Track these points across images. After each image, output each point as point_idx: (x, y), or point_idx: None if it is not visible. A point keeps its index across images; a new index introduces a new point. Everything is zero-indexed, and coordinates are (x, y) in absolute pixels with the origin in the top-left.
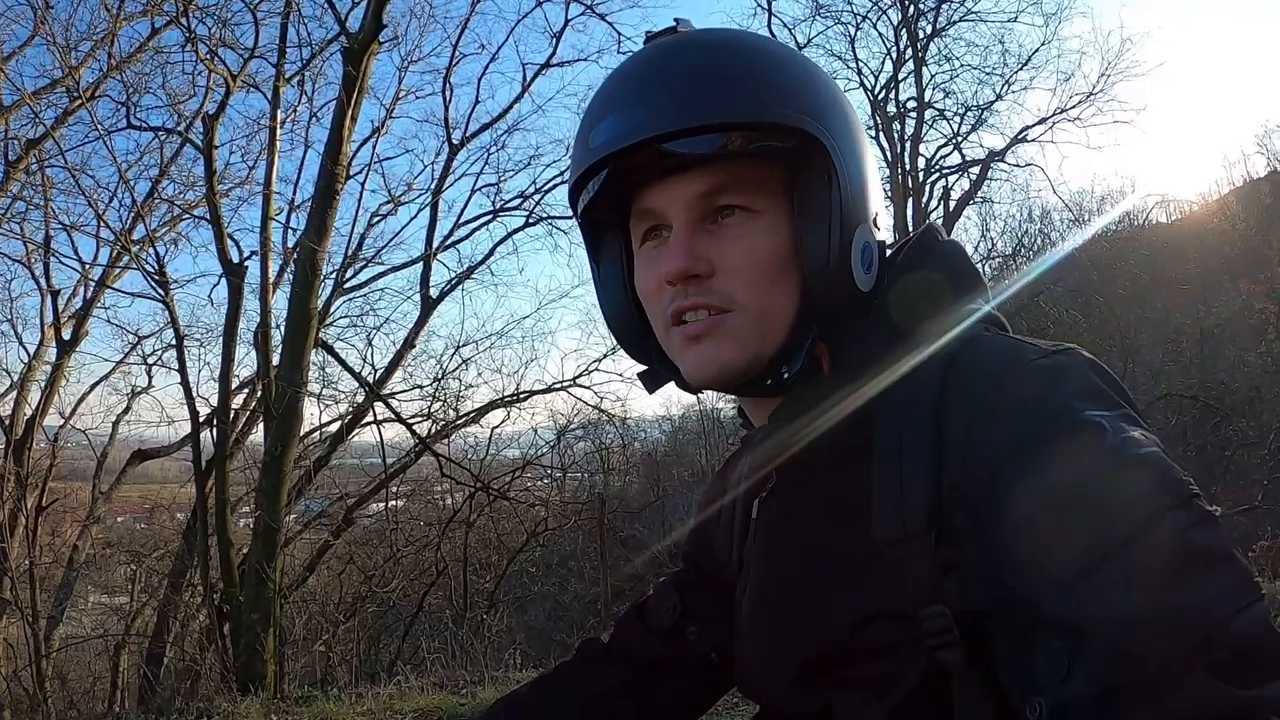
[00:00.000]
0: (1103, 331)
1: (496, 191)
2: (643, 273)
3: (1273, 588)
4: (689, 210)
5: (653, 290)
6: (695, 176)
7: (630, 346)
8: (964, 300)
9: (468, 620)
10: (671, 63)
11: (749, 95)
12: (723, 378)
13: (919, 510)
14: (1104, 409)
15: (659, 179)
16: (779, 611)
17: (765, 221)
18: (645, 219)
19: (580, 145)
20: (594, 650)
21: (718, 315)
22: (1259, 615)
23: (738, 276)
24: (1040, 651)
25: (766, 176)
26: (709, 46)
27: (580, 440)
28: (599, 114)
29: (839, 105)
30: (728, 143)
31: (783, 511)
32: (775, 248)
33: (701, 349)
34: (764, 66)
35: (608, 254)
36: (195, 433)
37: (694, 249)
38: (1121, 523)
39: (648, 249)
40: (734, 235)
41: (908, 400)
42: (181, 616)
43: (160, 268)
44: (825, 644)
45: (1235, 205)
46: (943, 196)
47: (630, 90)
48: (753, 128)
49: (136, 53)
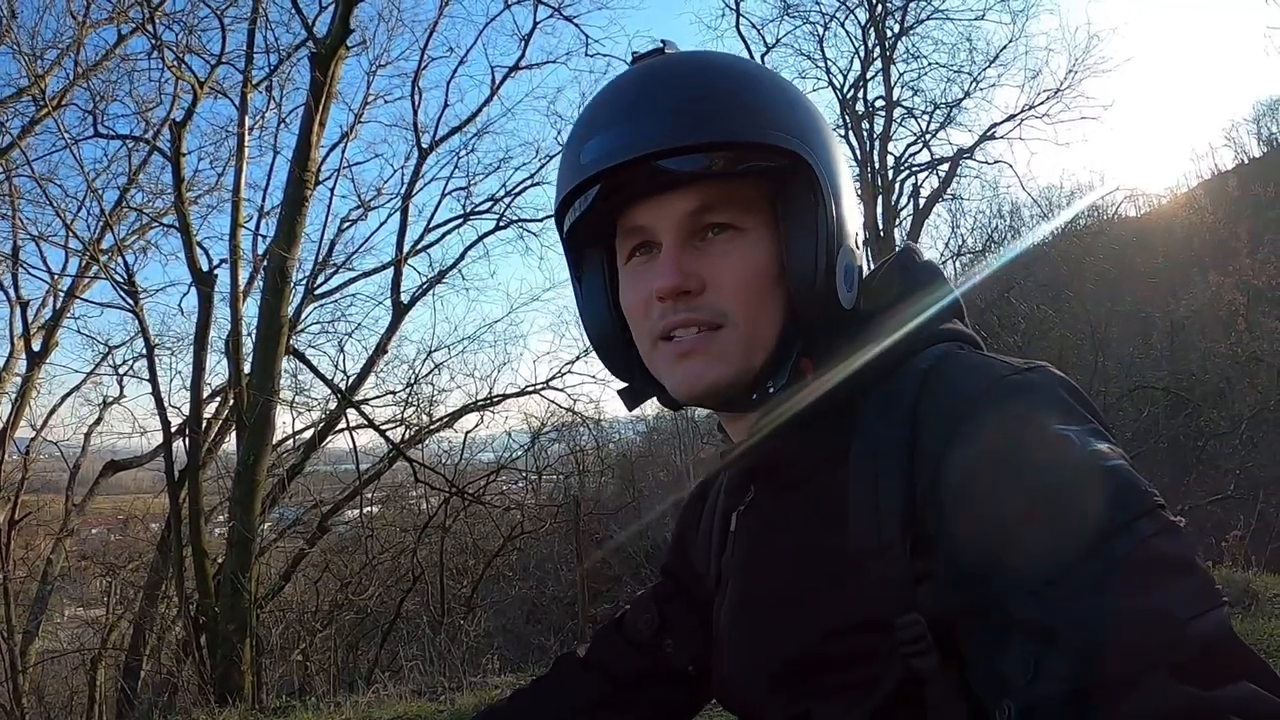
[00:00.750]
0: (1073, 326)
1: (466, 195)
2: (630, 289)
3: (1245, 576)
4: (679, 227)
5: (641, 306)
6: (685, 194)
7: (613, 363)
8: (939, 319)
9: (445, 626)
10: (664, 82)
11: (741, 116)
12: (711, 394)
13: (893, 520)
14: (1073, 424)
15: (648, 196)
16: (757, 621)
17: (753, 239)
18: (633, 236)
19: (569, 162)
20: (571, 664)
21: (707, 332)
22: (1220, 620)
23: (728, 293)
24: (1009, 655)
25: (754, 195)
26: (699, 68)
27: (555, 443)
28: (589, 131)
29: (822, 128)
30: (719, 162)
31: (761, 523)
32: (763, 265)
33: (690, 365)
34: (754, 88)
35: (590, 270)
36: (168, 443)
37: (685, 265)
38: (1088, 531)
39: (635, 265)
40: (723, 252)
41: (883, 414)
42: (158, 629)
43: (129, 277)
44: (803, 652)
45: (1203, 198)
46: (912, 194)
47: (622, 108)
48: (744, 147)
49: (103, 60)
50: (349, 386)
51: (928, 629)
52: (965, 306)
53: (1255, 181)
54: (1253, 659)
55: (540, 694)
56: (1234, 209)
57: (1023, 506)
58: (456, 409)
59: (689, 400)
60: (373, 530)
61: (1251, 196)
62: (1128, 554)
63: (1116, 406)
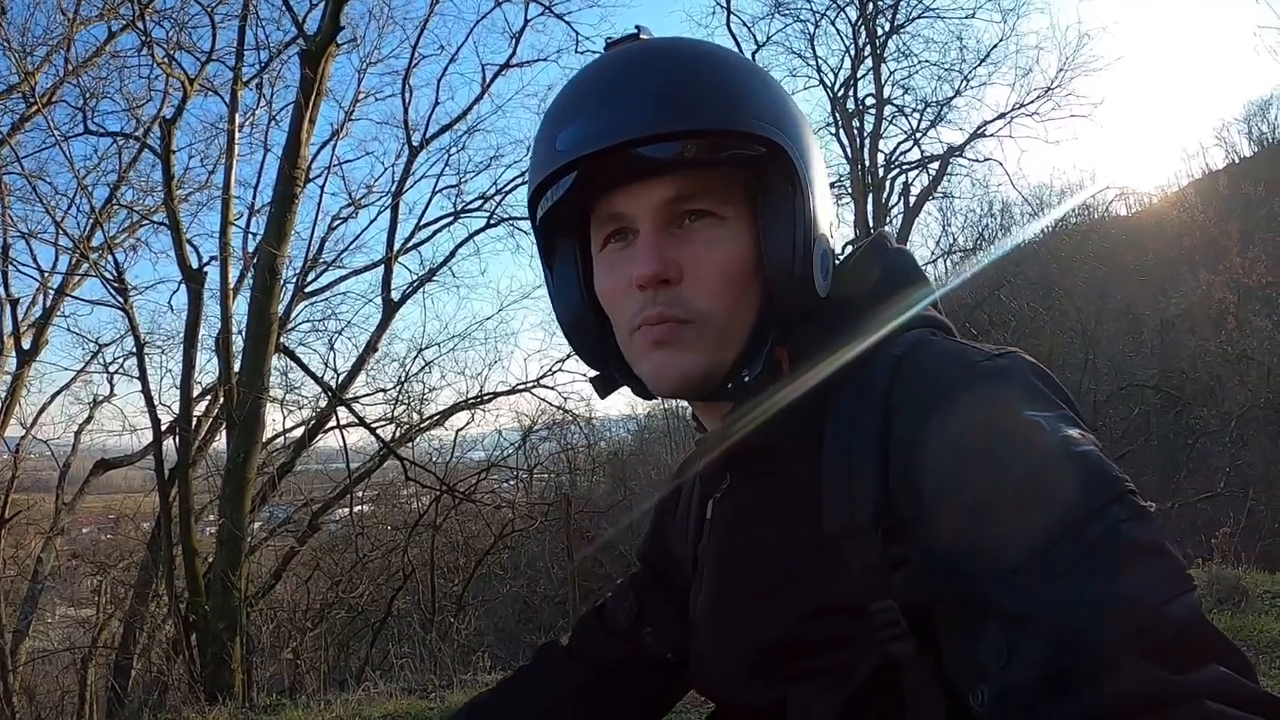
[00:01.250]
0: (1064, 323)
1: (457, 193)
2: (606, 276)
3: (1235, 573)
4: (657, 215)
5: (619, 293)
6: (663, 182)
7: (586, 351)
8: (911, 305)
9: (436, 624)
10: (642, 68)
11: (722, 103)
12: (683, 385)
13: (867, 505)
14: (1044, 410)
15: (625, 184)
16: (734, 607)
17: (731, 228)
18: (609, 223)
19: (544, 148)
20: (553, 653)
21: (682, 324)
22: (1191, 604)
23: (706, 283)
24: (983, 641)
25: (730, 184)
26: (678, 54)
27: (546, 441)
28: (565, 118)
29: (799, 117)
30: (698, 149)
31: (737, 510)
32: (741, 254)
33: (662, 355)
34: (732, 76)
35: (561, 258)
36: (158, 441)
37: (664, 252)
38: (1060, 516)
39: (610, 252)
40: (702, 240)
41: (856, 400)
42: (148, 627)
43: (119, 275)
44: (778, 636)
45: (1194, 197)
46: (903, 192)
47: (600, 94)
48: (724, 135)
49: (93, 57)
50: (339, 384)
51: (902, 615)
52: (956, 304)
53: (1246, 180)
54: (1223, 642)
55: (523, 683)
56: (1224, 208)
57: (994, 492)
58: (447, 407)
59: (661, 392)
60: (363, 529)
61: (1242, 196)
62: (1099, 539)
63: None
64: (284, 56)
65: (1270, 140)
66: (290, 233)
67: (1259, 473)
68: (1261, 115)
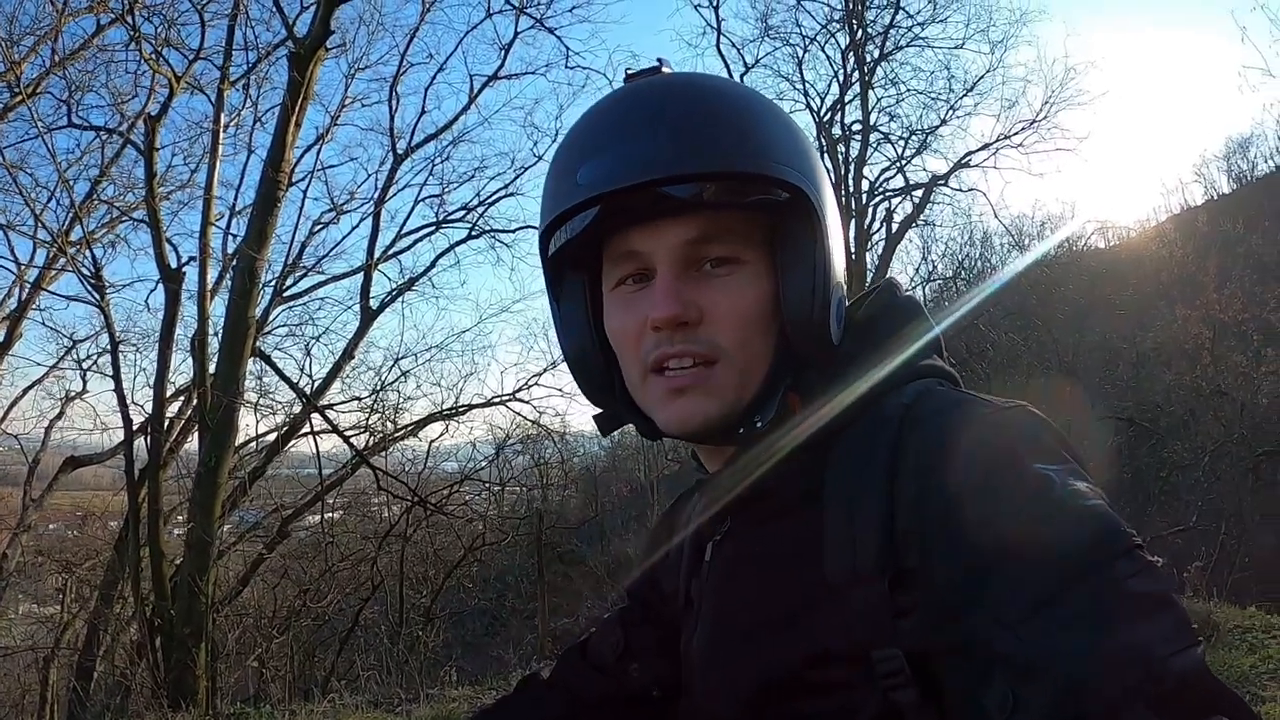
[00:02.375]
0: (1041, 354)
1: (440, 203)
2: (619, 316)
3: (1206, 607)
4: (676, 256)
5: (632, 335)
6: (685, 222)
7: (592, 389)
8: (919, 355)
9: (404, 636)
10: (669, 105)
11: (749, 147)
12: (705, 431)
13: (871, 553)
14: (1052, 463)
15: (645, 221)
16: (732, 648)
17: (750, 272)
18: (626, 261)
19: (564, 180)
20: (535, 685)
21: (703, 368)
22: (1196, 657)
23: (725, 326)
24: (989, 689)
25: (751, 228)
26: (705, 92)
27: (519, 455)
28: (588, 150)
29: (818, 162)
30: (723, 192)
31: (737, 554)
32: (760, 299)
33: (685, 402)
34: (758, 118)
35: (569, 292)
36: (129, 440)
37: (683, 295)
38: (1068, 568)
39: (624, 292)
40: (722, 284)
41: (862, 448)
42: (112, 629)
43: (97, 271)
44: (773, 681)
45: (1173, 232)
46: (885, 219)
47: (627, 129)
48: (750, 178)
49: (80, 49)
50: (314, 391)
51: (906, 663)
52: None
53: (1224, 218)
54: (1227, 694)
55: (504, 714)
56: (1202, 244)
57: (1003, 544)
58: (422, 417)
59: (680, 436)
60: (333, 537)
61: (1220, 232)
62: (1106, 591)
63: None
64: (272, 58)
65: (1249, 178)
66: (271, 236)
67: (1231, 507)
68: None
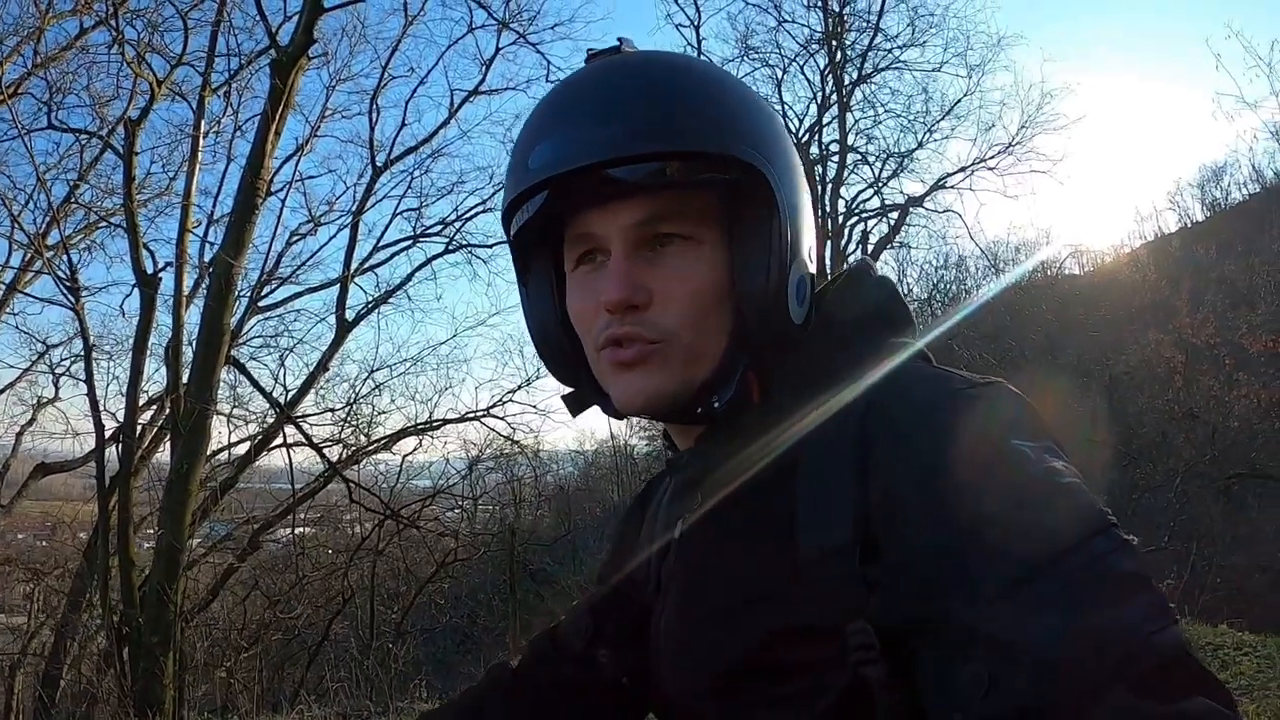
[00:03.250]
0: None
1: (418, 216)
2: (577, 296)
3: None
4: (628, 237)
5: (588, 314)
6: (637, 203)
7: (558, 369)
8: (892, 335)
9: (373, 650)
10: (618, 86)
11: (699, 124)
12: (651, 406)
13: (843, 528)
14: (1029, 440)
15: (598, 203)
16: (699, 628)
17: (704, 252)
18: (581, 243)
19: (518, 164)
20: (503, 674)
21: (650, 345)
22: (1175, 636)
23: (675, 307)
24: (964, 668)
25: (705, 206)
26: (656, 70)
27: (492, 471)
28: (540, 133)
29: (781, 138)
30: (673, 171)
31: (705, 532)
32: (713, 279)
33: (631, 376)
34: (711, 94)
35: (536, 275)
36: (100, 448)
37: (634, 277)
38: (1045, 546)
39: (582, 273)
40: (674, 265)
41: (834, 425)
42: (80, 638)
43: (73, 275)
44: (744, 658)
45: (1146, 258)
46: (861, 240)
47: (574, 111)
48: (699, 158)
49: (63, 51)
50: (288, 402)
51: (876, 638)
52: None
53: (1197, 244)
54: (1207, 674)
55: (470, 703)
56: (1176, 269)
57: (978, 520)
58: (395, 431)
59: (630, 412)
60: (304, 550)
61: (1193, 258)
62: (1084, 570)
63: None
64: (254, 66)
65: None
66: (248, 244)
67: (1202, 528)
68: (1215, 181)
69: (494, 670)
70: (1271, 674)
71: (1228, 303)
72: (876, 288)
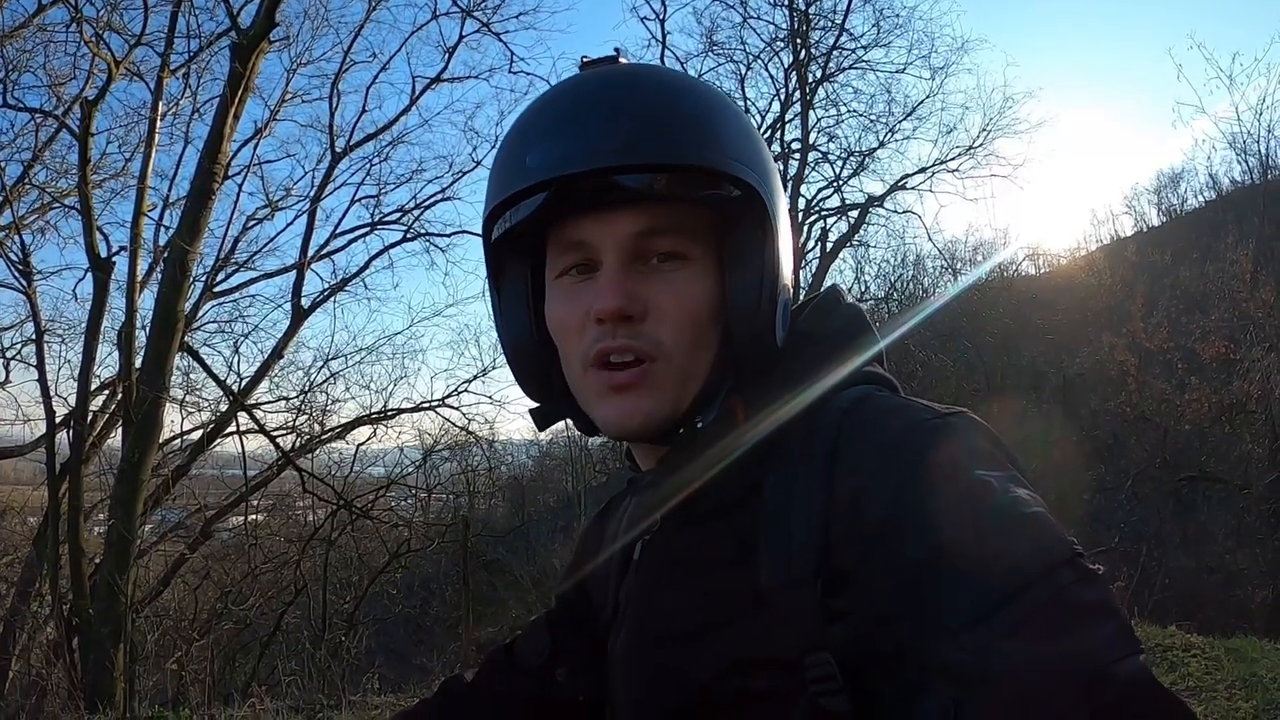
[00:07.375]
0: (969, 377)
1: (376, 204)
2: (561, 306)
3: None
4: (624, 247)
5: (574, 326)
6: (634, 214)
7: (529, 381)
8: (860, 362)
9: (326, 641)
10: (626, 94)
11: (705, 141)
12: (645, 430)
13: (806, 558)
14: (993, 470)
15: (593, 211)
16: (655, 654)
17: (698, 269)
18: (572, 250)
19: (512, 163)
20: (458, 688)
21: (645, 365)
22: (1139, 664)
23: (669, 323)
24: (928, 699)
25: (700, 223)
26: (663, 84)
27: (447, 461)
28: (539, 134)
29: (770, 159)
30: (676, 185)
31: (666, 555)
32: (706, 297)
33: (626, 400)
34: (715, 113)
35: (511, 281)
36: (51, 434)
37: (628, 289)
38: (1010, 576)
39: (567, 282)
40: (668, 280)
41: (801, 453)
42: (29, 628)
43: (25, 257)
44: (702, 686)
45: (1102, 262)
46: (820, 238)
47: (579, 115)
48: (703, 172)
49: (19, 28)
50: (241, 389)
51: (837, 669)
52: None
53: (1153, 249)
54: (1173, 702)
55: (423, 713)
56: (1131, 274)
57: (942, 550)
58: (350, 420)
59: (621, 436)
60: (256, 539)
61: (1148, 263)
62: (1048, 600)
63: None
64: (214, 48)
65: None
66: (204, 229)
67: (1152, 530)
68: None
69: (448, 683)
70: (1219, 676)
71: (1181, 308)
72: (846, 314)
